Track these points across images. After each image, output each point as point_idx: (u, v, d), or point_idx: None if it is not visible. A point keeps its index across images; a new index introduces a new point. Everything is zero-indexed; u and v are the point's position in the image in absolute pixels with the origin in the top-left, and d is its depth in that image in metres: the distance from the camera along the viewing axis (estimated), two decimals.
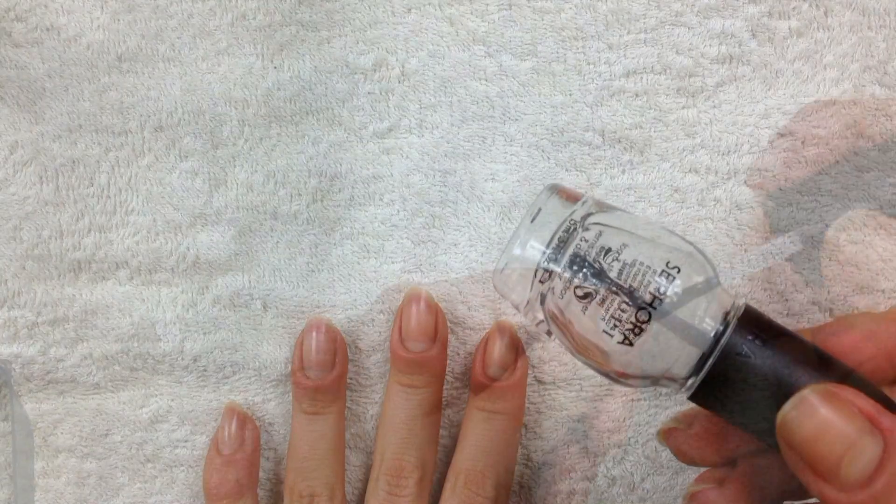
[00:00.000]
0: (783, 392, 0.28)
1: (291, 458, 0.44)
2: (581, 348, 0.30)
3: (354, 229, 0.44)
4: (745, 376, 0.28)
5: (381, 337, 0.44)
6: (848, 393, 0.28)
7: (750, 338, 0.29)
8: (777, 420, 0.28)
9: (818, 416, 0.27)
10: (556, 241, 0.30)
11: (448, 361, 0.44)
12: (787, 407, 0.28)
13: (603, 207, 0.31)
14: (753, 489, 0.35)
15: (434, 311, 0.42)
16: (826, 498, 0.27)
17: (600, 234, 0.30)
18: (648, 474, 0.45)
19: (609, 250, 0.29)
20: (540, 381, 0.44)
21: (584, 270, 0.29)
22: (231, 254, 0.44)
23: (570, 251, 0.29)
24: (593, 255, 0.29)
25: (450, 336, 0.44)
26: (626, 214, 0.31)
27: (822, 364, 0.29)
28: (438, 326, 0.42)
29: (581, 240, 0.29)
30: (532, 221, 0.30)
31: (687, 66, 0.41)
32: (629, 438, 0.45)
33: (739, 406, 0.29)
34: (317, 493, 0.43)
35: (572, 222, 0.30)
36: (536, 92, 0.42)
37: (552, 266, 0.30)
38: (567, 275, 0.29)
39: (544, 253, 0.30)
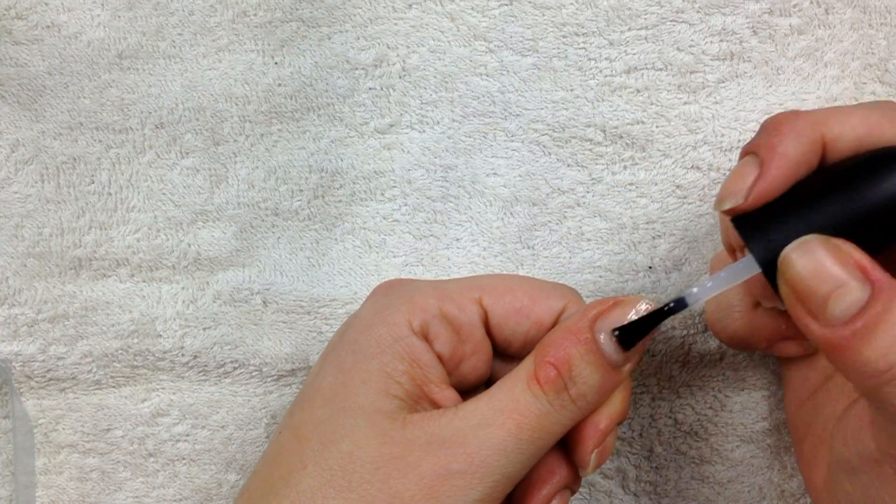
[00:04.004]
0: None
1: None
2: None
3: (356, 225, 0.46)
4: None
5: None
6: (847, 245, 0.31)
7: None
8: (779, 258, 0.32)
9: (815, 256, 0.31)
10: None
11: None
12: (790, 247, 0.31)
13: None
14: None
15: None
16: (811, 333, 0.31)
17: None
18: (645, 469, 0.47)
19: None
20: None
21: None
22: (232, 250, 0.46)
23: None
24: None
25: None
26: None
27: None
28: None
29: None
30: None
31: (688, 63, 0.43)
32: (629, 433, 0.47)
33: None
34: None
35: None
36: (537, 88, 0.44)
37: None
38: None
39: None
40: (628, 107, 0.44)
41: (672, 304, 0.35)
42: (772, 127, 0.34)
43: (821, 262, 0.31)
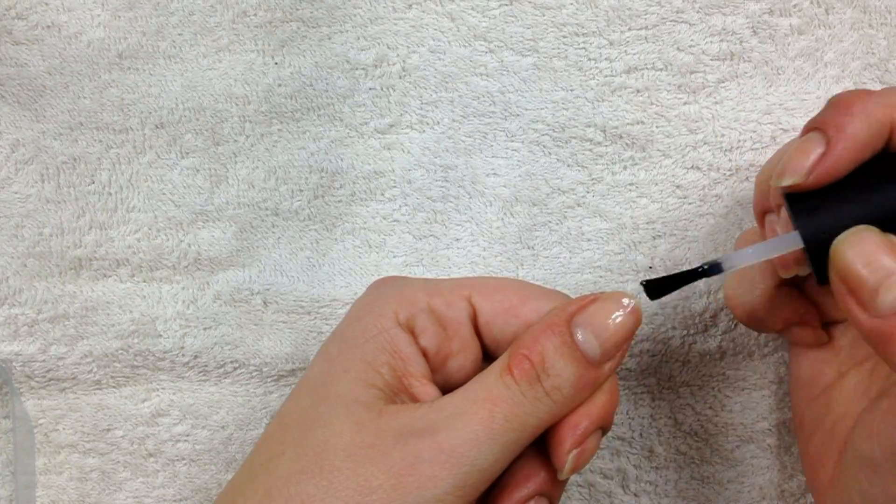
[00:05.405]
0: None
1: None
2: None
3: (356, 225, 0.46)
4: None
5: None
6: None
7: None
8: (831, 247, 0.32)
9: (867, 246, 0.31)
10: None
11: None
12: (842, 237, 0.32)
13: None
14: None
15: None
16: (860, 323, 0.31)
17: None
18: (645, 469, 0.47)
19: None
20: None
21: None
22: (232, 250, 0.46)
23: None
24: None
25: None
26: None
27: None
28: None
29: None
30: None
31: (688, 63, 0.43)
32: (629, 433, 0.47)
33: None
34: None
35: None
36: (537, 88, 0.44)
37: None
38: None
39: None
40: (628, 107, 0.44)
41: (707, 267, 0.35)
42: (843, 105, 0.34)
43: (872, 253, 0.31)
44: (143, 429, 0.48)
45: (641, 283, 0.35)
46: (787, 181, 0.34)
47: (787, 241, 0.34)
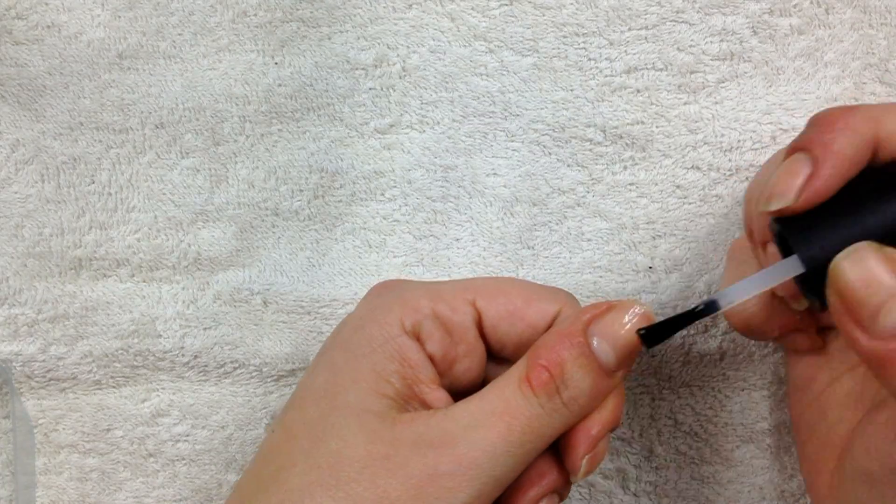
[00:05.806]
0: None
1: None
2: None
3: (356, 225, 0.46)
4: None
5: None
6: None
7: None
8: (830, 266, 0.31)
9: (867, 264, 0.30)
10: None
11: None
12: (841, 255, 0.31)
13: None
14: None
15: None
16: (858, 345, 0.30)
17: None
18: (645, 469, 0.47)
19: None
20: None
21: None
22: (232, 250, 0.46)
23: None
24: None
25: None
26: None
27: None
28: None
29: None
30: None
31: (688, 63, 0.43)
32: (629, 433, 0.47)
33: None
34: None
35: None
36: (537, 88, 0.44)
37: None
38: None
39: None
40: (628, 107, 0.44)
41: (702, 307, 0.34)
42: (825, 122, 0.33)
43: (873, 272, 0.30)
44: (143, 429, 0.48)
45: (637, 333, 0.34)
46: (776, 205, 0.33)
47: (786, 268, 0.33)
